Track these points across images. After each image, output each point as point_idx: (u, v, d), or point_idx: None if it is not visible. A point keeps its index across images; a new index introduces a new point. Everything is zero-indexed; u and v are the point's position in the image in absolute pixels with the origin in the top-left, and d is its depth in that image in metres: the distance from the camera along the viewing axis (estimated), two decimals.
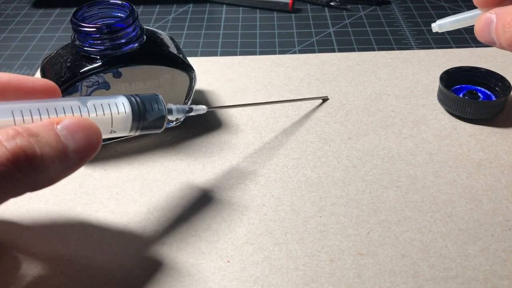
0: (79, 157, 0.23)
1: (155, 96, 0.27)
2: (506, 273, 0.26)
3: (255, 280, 0.26)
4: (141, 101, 0.26)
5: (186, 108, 0.29)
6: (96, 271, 0.27)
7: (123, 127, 0.26)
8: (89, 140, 0.23)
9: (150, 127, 0.27)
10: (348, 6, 0.55)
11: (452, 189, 0.31)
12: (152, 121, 0.27)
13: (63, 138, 0.22)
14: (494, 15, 0.29)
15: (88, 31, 0.30)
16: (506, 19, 0.28)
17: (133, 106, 0.26)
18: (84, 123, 0.23)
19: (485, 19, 0.29)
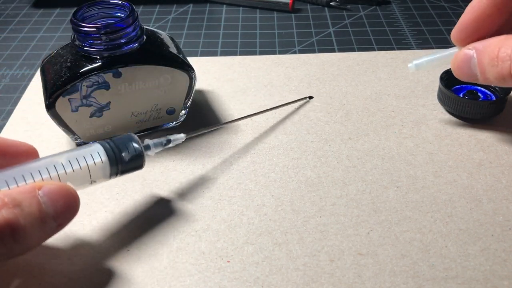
0: (58, 224, 0.24)
1: (129, 137, 0.28)
2: (506, 273, 0.26)
3: (255, 280, 0.26)
4: (115, 146, 0.27)
5: (164, 141, 0.30)
6: (96, 271, 0.27)
7: (102, 175, 0.27)
8: (69, 207, 0.24)
9: (130, 169, 0.28)
10: (348, 6, 0.55)
11: (452, 189, 0.31)
12: (131, 162, 0.27)
13: (44, 206, 0.23)
14: (473, 51, 0.29)
15: (88, 31, 0.30)
16: (492, 53, 0.28)
17: (108, 153, 0.27)
18: (65, 190, 0.24)
19: (464, 56, 0.30)
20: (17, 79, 0.45)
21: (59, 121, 0.32)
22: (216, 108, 0.39)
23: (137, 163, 0.28)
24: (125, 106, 0.33)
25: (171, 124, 0.36)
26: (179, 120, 0.37)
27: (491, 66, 0.28)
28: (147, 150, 0.29)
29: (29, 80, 0.44)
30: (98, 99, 0.32)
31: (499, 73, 0.27)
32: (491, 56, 0.28)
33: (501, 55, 0.27)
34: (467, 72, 0.30)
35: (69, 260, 0.27)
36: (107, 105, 0.33)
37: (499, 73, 0.27)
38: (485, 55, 0.28)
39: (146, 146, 0.29)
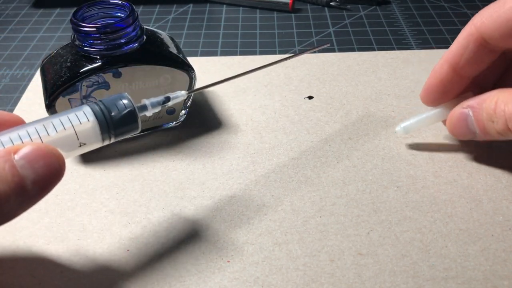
0: (40, 188, 0.22)
1: (120, 95, 0.26)
2: (506, 273, 0.26)
3: (255, 280, 0.26)
4: (104, 105, 0.25)
5: (162, 99, 0.27)
6: (96, 271, 0.27)
7: (93, 136, 0.25)
8: (50, 168, 0.22)
9: (124, 129, 0.25)
10: (348, 6, 0.55)
11: (452, 189, 0.31)
12: (123, 121, 0.25)
13: (20, 169, 0.21)
14: (468, 109, 0.30)
15: (88, 31, 0.30)
16: (489, 108, 0.28)
17: (96, 112, 0.25)
18: (44, 149, 0.22)
19: (459, 115, 0.30)
20: (17, 79, 0.45)
21: None
22: (216, 108, 0.39)
23: (130, 122, 0.25)
24: None
25: (171, 124, 0.36)
26: (179, 120, 0.37)
27: (491, 122, 0.28)
28: (143, 110, 0.26)
29: (29, 80, 0.44)
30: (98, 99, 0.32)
31: (499, 128, 0.28)
32: (488, 112, 0.28)
33: (498, 110, 0.28)
34: (464, 131, 0.30)
35: (69, 260, 0.27)
36: None
37: (499, 128, 0.28)
38: (482, 112, 0.29)
39: (142, 106, 0.26)
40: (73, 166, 0.34)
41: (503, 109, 0.27)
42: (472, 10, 0.54)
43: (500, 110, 0.27)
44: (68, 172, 0.33)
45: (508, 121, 0.27)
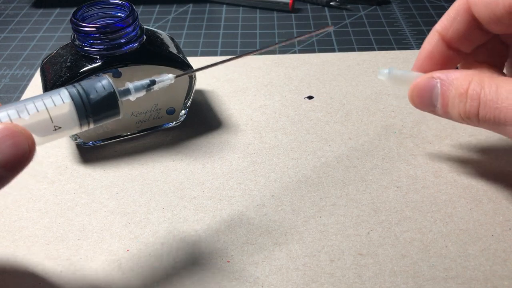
0: (6, 169, 0.21)
1: (100, 77, 0.24)
2: (506, 273, 0.26)
3: (255, 280, 0.26)
4: (82, 88, 0.23)
5: (148, 82, 0.25)
6: (96, 271, 0.27)
7: (69, 120, 0.23)
8: (19, 149, 0.21)
9: (104, 113, 0.24)
10: (348, 6, 0.55)
11: (452, 189, 0.31)
12: (102, 105, 0.23)
13: None
14: (437, 80, 0.27)
15: (88, 31, 0.30)
16: (461, 87, 0.26)
17: (72, 95, 0.23)
18: (12, 129, 0.21)
19: (426, 83, 0.28)
20: (17, 79, 0.45)
21: None
22: (216, 108, 0.39)
23: (110, 106, 0.24)
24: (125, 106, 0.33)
25: (171, 124, 0.36)
26: (179, 120, 0.37)
27: (459, 102, 0.26)
28: (126, 94, 0.25)
29: (29, 80, 0.44)
30: None
31: (466, 111, 0.26)
32: (459, 90, 0.26)
33: (470, 92, 0.26)
34: (426, 101, 0.28)
35: (68, 261, 0.27)
36: None
37: (466, 111, 0.26)
38: (451, 88, 0.27)
39: (125, 90, 0.25)
40: (73, 166, 0.34)
41: (478, 92, 0.25)
42: None
43: (475, 93, 0.25)
44: (68, 172, 0.33)
45: (481, 106, 0.25)
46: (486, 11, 0.26)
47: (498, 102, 0.24)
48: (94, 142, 0.35)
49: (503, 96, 0.24)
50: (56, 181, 0.33)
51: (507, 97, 0.24)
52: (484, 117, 0.25)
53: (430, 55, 0.30)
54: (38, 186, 0.32)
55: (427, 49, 0.30)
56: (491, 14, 0.26)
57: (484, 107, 0.25)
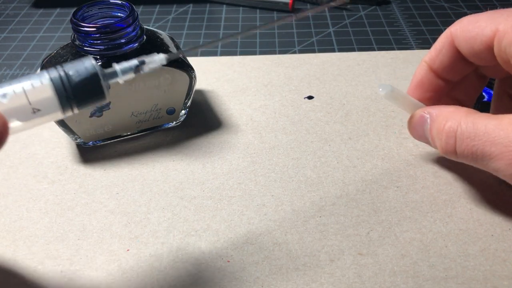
0: None
1: (83, 58, 0.22)
2: (506, 273, 0.26)
3: (255, 280, 0.26)
4: (63, 69, 0.22)
5: (136, 62, 0.23)
6: (96, 271, 0.27)
7: (49, 102, 0.22)
8: None
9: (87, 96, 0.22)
10: (348, 6, 0.55)
11: (452, 189, 0.31)
12: (84, 87, 0.22)
13: None
14: (428, 116, 0.29)
15: (88, 31, 0.30)
16: (440, 125, 0.27)
17: (52, 76, 0.22)
18: None
19: (419, 118, 0.29)
20: None
21: (59, 121, 0.32)
22: (216, 108, 0.39)
23: (94, 89, 0.22)
24: (125, 106, 0.33)
25: (171, 124, 0.36)
26: (179, 120, 0.37)
27: (438, 139, 0.27)
28: (113, 76, 0.23)
29: None
30: None
31: (443, 148, 0.27)
32: (438, 128, 0.27)
33: (447, 129, 0.27)
34: (420, 134, 0.30)
35: (69, 260, 0.27)
36: (107, 105, 0.33)
37: (443, 148, 0.27)
38: (434, 124, 0.28)
39: (112, 73, 0.23)
40: (73, 166, 0.34)
41: (454, 129, 0.26)
42: (472, 10, 0.54)
43: (451, 130, 0.26)
44: (68, 172, 0.33)
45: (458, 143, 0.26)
46: (466, 46, 0.28)
47: (475, 138, 0.25)
48: (94, 142, 0.35)
49: (481, 132, 0.25)
50: (56, 181, 0.33)
51: (485, 132, 0.25)
52: (463, 152, 0.26)
53: (420, 83, 0.31)
54: (38, 186, 0.32)
55: (417, 78, 0.31)
56: (470, 49, 0.27)
57: (462, 143, 0.26)
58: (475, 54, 0.27)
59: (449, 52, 0.29)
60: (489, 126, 0.25)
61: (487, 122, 0.25)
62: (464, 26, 0.28)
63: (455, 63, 0.29)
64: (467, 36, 0.27)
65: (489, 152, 0.25)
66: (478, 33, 0.27)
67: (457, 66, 0.30)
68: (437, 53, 0.30)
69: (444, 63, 0.30)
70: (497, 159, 0.24)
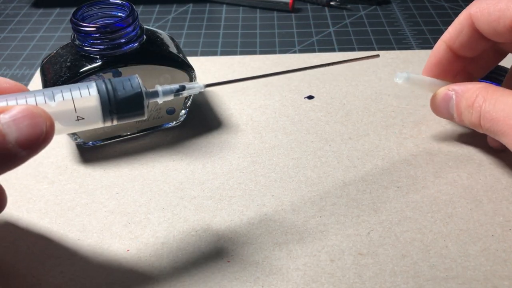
0: (23, 148, 0.21)
1: (130, 77, 0.24)
2: (507, 273, 0.26)
3: (255, 280, 0.26)
4: (111, 83, 0.24)
5: (177, 87, 0.26)
6: (96, 271, 0.27)
7: (93, 113, 0.23)
8: (36, 129, 0.21)
9: (128, 112, 0.24)
10: (348, 6, 0.55)
11: (453, 189, 0.31)
12: (128, 103, 0.24)
13: (2, 127, 0.20)
14: (453, 93, 0.31)
15: (87, 30, 0.30)
16: (469, 100, 0.30)
17: (99, 88, 0.23)
18: (32, 110, 0.21)
19: (444, 95, 0.32)
20: (17, 79, 0.45)
21: None
22: (216, 108, 0.39)
23: (135, 105, 0.24)
24: None
25: (171, 124, 0.36)
26: (179, 120, 0.37)
27: (468, 113, 0.30)
28: (154, 96, 0.25)
29: (29, 80, 0.44)
30: None
31: (472, 121, 0.30)
32: (468, 102, 0.30)
33: (475, 104, 0.29)
34: (444, 111, 0.32)
35: (69, 260, 0.27)
36: None
37: (472, 121, 0.30)
38: (462, 100, 0.30)
39: (153, 92, 0.25)
40: (73, 166, 0.34)
41: (480, 104, 0.29)
42: None
43: (477, 105, 0.29)
44: (68, 172, 0.33)
45: (481, 118, 0.29)
46: (488, 27, 0.29)
47: (493, 114, 0.28)
48: (94, 142, 0.35)
49: (499, 109, 0.28)
50: (56, 181, 0.33)
51: (502, 109, 0.27)
52: (484, 126, 0.29)
53: (439, 62, 0.33)
54: (38, 186, 0.32)
55: (436, 57, 0.33)
56: (492, 30, 0.29)
57: (483, 119, 0.29)
58: (497, 34, 0.29)
59: (469, 32, 0.31)
60: (508, 104, 0.27)
61: (506, 100, 0.27)
62: (484, 9, 0.29)
63: (475, 41, 0.31)
64: (489, 19, 0.29)
65: (501, 127, 0.27)
66: (500, 16, 0.28)
67: (476, 44, 0.31)
68: (457, 34, 0.31)
69: (464, 42, 0.31)
70: (505, 134, 0.27)
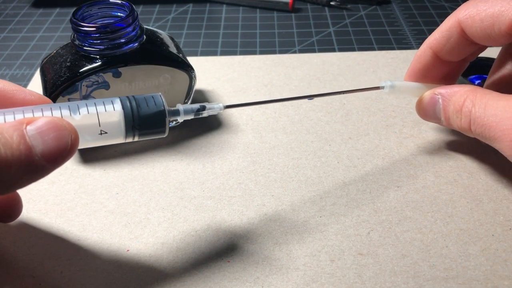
0: (48, 161, 0.21)
1: (153, 95, 0.25)
2: (507, 273, 0.26)
3: (255, 280, 0.26)
4: (134, 99, 0.24)
5: (197, 107, 0.26)
6: (96, 271, 0.27)
7: (116, 127, 0.24)
8: (61, 142, 0.21)
9: (150, 129, 0.25)
10: (348, 6, 0.55)
11: (453, 189, 0.31)
12: (150, 119, 0.24)
13: (29, 139, 0.21)
14: (439, 97, 0.31)
15: (87, 30, 0.30)
16: (457, 104, 0.29)
17: (124, 103, 0.24)
18: (57, 123, 0.21)
19: (430, 99, 0.31)
20: (16, 79, 0.45)
21: None
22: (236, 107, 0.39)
23: (157, 123, 0.25)
24: None
25: (171, 124, 0.36)
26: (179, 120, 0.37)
27: (457, 118, 0.29)
28: (175, 114, 0.26)
29: (29, 80, 0.44)
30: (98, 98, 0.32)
31: (460, 126, 0.29)
32: (456, 107, 0.29)
33: (464, 109, 0.29)
34: (431, 116, 0.32)
35: (69, 261, 0.27)
36: None
37: (460, 126, 0.29)
38: (450, 104, 0.30)
39: (174, 111, 0.26)
40: (73, 166, 0.34)
41: (469, 109, 0.28)
42: None
43: (467, 110, 0.28)
44: (68, 172, 0.33)
45: (472, 123, 0.28)
46: (481, 34, 0.29)
47: (484, 119, 0.27)
48: None
49: (490, 114, 0.27)
50: (56, 181, 0.33)
51: (493, 114, 0.27)
52: (475, 131, 0.28)
53: (424, 67, 0.33)
54: (38, 186, 0.32)
55: (421, 64, 0.33)
56: (486, 36, 0.29)
57: (474, 124, 0.28)
58: (491, 40, 0.29)
59: (458, 39, 0.30)
60: (498, 109, 0.27)
61: (497, 105, 0.27)
62: (475, 15, 0.29)
63: (463, 47, 0.31)
64: (482, 25, 0.28)
65: (494, 133, 0.27)
66: (494, 22, 0.28)
67: (464, 50, 0.31)
68: (445, 41, 0.31)
69: (452, 49, 0.31)
70: (499, 140, 0.27)
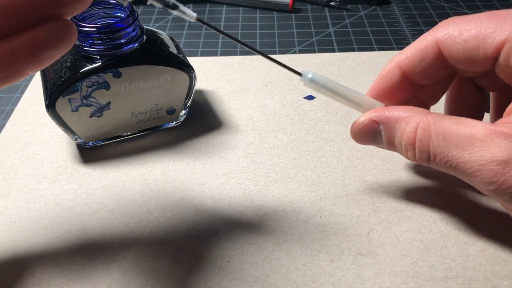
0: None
1: None
2: (506, 273, 0.26)
3: (255, 280, 0.26)
4: None
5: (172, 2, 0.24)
6: (96, 271, 0.27)
7: None
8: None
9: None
10: (348, 6, 0.55)
11: (453, 189, 0.31)
12: None
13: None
14: (381, 126, 0.27)
15: (88, 31, 0.30)
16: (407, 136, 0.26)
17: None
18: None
19: (368, 126, 0.27)
20: None
21: (59, 121, 0.32)
22: (216, 108, 0.39)
23: None
24: (125, 106, 0.33)
25: (171, 124, 0.36)
26: (179, 120, 0.37)
27: (407, 150, 0.26)
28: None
29: (29, 80, 0.44)
30: (98, 99, 0.32)
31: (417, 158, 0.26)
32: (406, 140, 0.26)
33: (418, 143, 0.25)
34: (368, 142, 0.28)
35: (69, 260, 0.27)
36: (107, 105, 0.33)
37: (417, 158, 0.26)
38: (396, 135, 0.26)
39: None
40: (73, 166, 0.34)
41: (426, 142, 0.25)
42: (472, 10, 0.54)
43: (422, 145, 0.25)
44: (68, 172, 0.33)
45: (432, 158, 0.25)
46: (463, 57, 0.25)
47: (449, 155, 0.24)
48: (94, 142, 0.35)
49: (453, 145, 0.24)
50: (56, 181, 0.33)
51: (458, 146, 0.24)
52: (437, 165, 0.25)
53: (389, 87, 0.29)
54: (38, 186, 0.32)
55: (387, 83, 0.29)
56: (469, 59, 0.25)
57: (434, 159, 0.25)
58: (473, 63, 0.25)
59: (432, 61, 0.27)
60: (462, 139, 0.23)
61: (458, 134, 0.24)
62: (456, 36, 0.25)
63: (436, 70, 0.27)
64: (465, 47, 0.25)
65: (464, 168, 0.24)
66: (479, 44, 0.24)
67: (436, 73, 0.28)
68: (418, 61, 0.27)
69: (424, 71, 0.27)
70: (472, 176, 0.23)
